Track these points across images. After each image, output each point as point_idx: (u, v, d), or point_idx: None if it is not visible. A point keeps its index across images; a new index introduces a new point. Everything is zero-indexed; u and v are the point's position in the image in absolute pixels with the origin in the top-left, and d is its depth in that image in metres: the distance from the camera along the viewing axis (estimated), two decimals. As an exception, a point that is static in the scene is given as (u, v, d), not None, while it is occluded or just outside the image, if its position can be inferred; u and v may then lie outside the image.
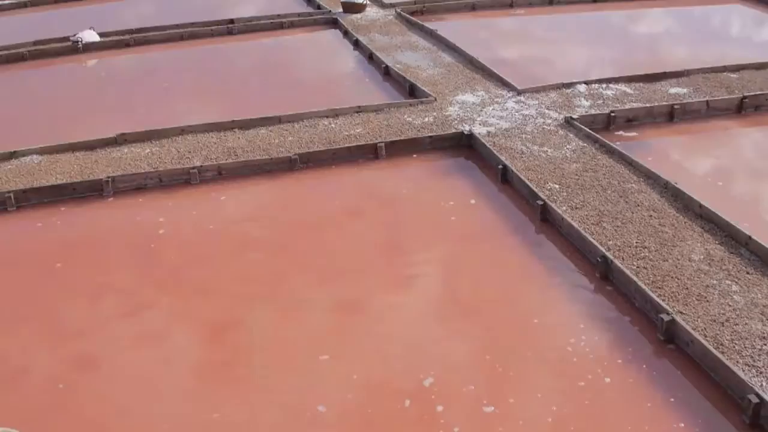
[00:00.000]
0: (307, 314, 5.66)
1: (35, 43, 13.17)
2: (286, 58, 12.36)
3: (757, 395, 4.50)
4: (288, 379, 4.98)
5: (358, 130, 8.71)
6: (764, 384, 4.66)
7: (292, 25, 13.99)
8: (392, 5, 14.68)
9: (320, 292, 5.94)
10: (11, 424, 4.37)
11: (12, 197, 7.46)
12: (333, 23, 14.06)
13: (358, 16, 14.16)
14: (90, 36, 13.05)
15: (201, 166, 7.87)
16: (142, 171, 7.83)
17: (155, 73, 11.81)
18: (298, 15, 14.51)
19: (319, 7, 15.05)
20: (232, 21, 13.94)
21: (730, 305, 5.41)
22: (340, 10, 14.46)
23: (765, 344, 5.01)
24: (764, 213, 6.98)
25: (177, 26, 13.63)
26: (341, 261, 6.38)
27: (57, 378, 5.08)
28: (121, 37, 13.24)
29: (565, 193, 7.04)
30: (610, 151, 7.87)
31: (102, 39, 13.16)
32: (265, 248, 6.70)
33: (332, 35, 13.58)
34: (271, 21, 13.99)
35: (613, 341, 5.22)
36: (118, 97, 10.66)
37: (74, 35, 12.99)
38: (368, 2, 14.73)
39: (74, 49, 12.84)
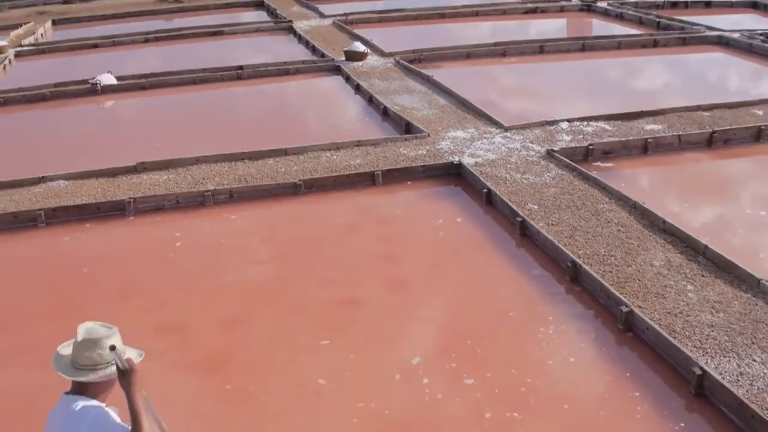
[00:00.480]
0: (309, 310, 6.42)
1: (56, 85, 14.22)
2: (291, 100, 13.36)
3: (701, 368, 5.24)
4: (292, 359, 5.72)
5: (357, 161, 9.59)
6: (709, 361, 5.40)
7: (297, 72, 15.03)
8: (392, 54, 15.73)
9: (321, 293, 6.72)
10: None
11: (42, 214, 8.30)
12: (336, 70, 15.09)
13: (360, 63, 15.21)
14: (108, 79, 14.09)
15: (214, 189, 8.73)
16: (161, 194, 8.66)
17: (169, 112, 12.79)
18: (303, 62, 15.58)
19: (323, 55, 16.13)
20: (241, 67, 14.99)
21: (684, 301, 6.17)
22: (343, 58, 15.52)
23: (712, 331, 5.76)
24: (723, 229, 7.76)
25: (189, 71, 14.69)
26: (340, 268, 7.17)
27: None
28: (137, 81, 14.27)
29: (542, 212, 7.86)
30: (586, 178, 8.72)
31: (119, 82, 14.17)
32: (271, 258, 7.50)
33: (335, 81, 14.59)
34: (278, 68, 15.04)
35: (578, 330, 5.98)
36: (136, 133, 11.59)
37: (93, 78, 14.03)
38: (369, 51, 15.79)
39: (93, 90, 13.85)
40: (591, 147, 9.65)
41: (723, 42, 16.74)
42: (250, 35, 19.86)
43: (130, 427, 2.68)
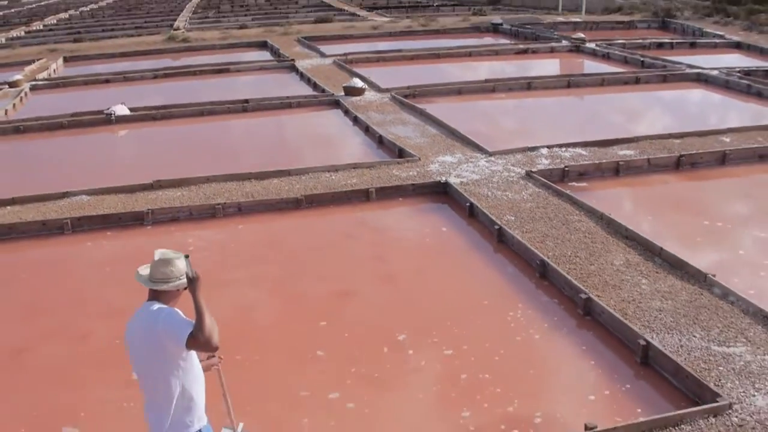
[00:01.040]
0: (309, 299, 7.40)
1: (72, 114, 15.36)
2: (293, 130, 14.47)
3: (645, 340, 6.20)
4: (294, 336, 6.68)
5: (353, 180, 10.65)
6: (654, 336, 6.35)
7: (299, 105, 16.19)
8: (388, 90, 16.90)
9: (319, 286, 7.71)
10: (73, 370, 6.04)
11: (69, 223, 9.33)
12: (335, 104, 16.25)
13: (358, 98, 16.37)
14: (122, 110, 15.24)
15: (224, 203, 9.77)
16: (176, 206, 9.70)
17: (180, 140, 13.89)
18: (305, 97, 16.78)
19: (323, 91, 17.31)
20: (246, 101, 16.16)
21: (637, 291, 7.15)
22: (342, 93, 16.69)
23: (660, 314, 6.72)
24: (681, 236, 8.74)
25: (198, 104, 15.85)
26: (336, 267, 8.17)
27: (115, 342, 6.78)
28: (149, 112, 15.42)
29: (518, 222, 8.88)
30: (560, 195, 9.76)
31: (132, 113, 15.31)
32: (275, 260, 8.48)
33: (334, 114, 15.73)
34: (281, 101, 16.21)
35: (543, 315, 6.96)
36: (149, 157, 12.68)
37: (108, 109, 15.18)
38: (367, 87, 16.98)
39: (108, 120, 14.98)
40: (566, 169, 10.71)
41: (702, 79, 17.97)
42: (255, 73, 21.12)
43: (194, 321, 3.67)
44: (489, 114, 15.33)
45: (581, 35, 23.98)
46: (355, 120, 14.66)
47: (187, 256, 3.73)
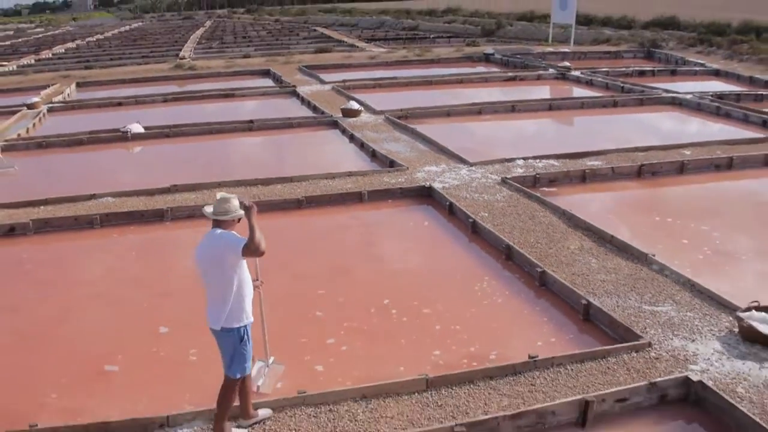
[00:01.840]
0: (309, 275, 8.81)
1: (90, 132, 16.88)
2: (295, 146, 15.96)
3: (587, 300, 7.60)
4: (296, 303, 8.08)
5: (349, 186, 12.10)
6: (595, 299, 7.74)
7: (300, 125, 17.72)
8: (382, 112, 18.45)
9: (318, 265, 9.13)
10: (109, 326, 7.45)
11: (98, 218, 10.76)
12: (334, 124, 17.78)
13: (354, 119, 17.90)
14: (137, 128, 16.77)
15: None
16: (192, 205, 11.15)
17: (191, 154, 15.39)
18: (305, 118, 18.32)
19: (322, 112, 18.87)
20: (251, 121, 17.69)
21: (587, 267, 8.57)
22: (340, 115, 18.23)
23: (603, 283, 8.12)
24: (634, 228, 10.15)
25: (207, 123, 17.39)
26: (333, 251, 9.60)
27: (144, 305, 8.21)
28: (162, 130, 16.95)
29: (491, 218, 10.32)
30: (530, 196, 11.21)
31: (146, 131, 16.83)
32: (278, 246, 9.86)
33: (333, 133, 17.25)
34: (284, 121, 17.74)
35: (506, 285, 8.37)
36: (164, 168, 14.13)
37: (124, 127, 16.70)
38: (363, 109, 18.53)
39: (124, 137, 16.50)
40: (538, 176, 12.19)
41: (676, 102, 19.58)
42: (258, 98, 22.73)
43: (247, 237, 5.10)
44: (474, 133, 16.84)
45: (567, 63, 25.68)
46: (352, 138, 16.17)
47: (244, 204, 5.22)
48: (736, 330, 6.97)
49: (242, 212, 5.30)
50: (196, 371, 6.72)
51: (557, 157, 13.42)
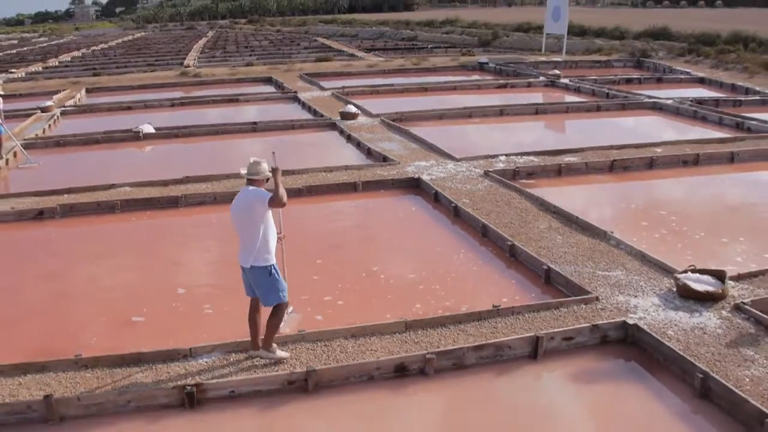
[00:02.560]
0: (308, 249, 10.06)
1: (105, 132, 18.22)
2: (296, 145, 17.27)
3: (547, 266, 8.89)
4: (296, 270, 9.34)
5: (345, 177, 13.41)
6: (556, 266, 9.02)
7: (301, 127, 19.06)
8: (378, 115, 19.78)
9: (316, 242, 10.41)
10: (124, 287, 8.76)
11: (118, 203, 12.08)
12: (332, 126, 19.11)
13: (352, 121, 19.24)
14: (148, 128, 18.12)
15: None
16: (204, 192, 12.46)
17: (200, 152, 16.72)
18: (306, 120, 19.66)
19: (322, 116, 20.21)
20: (255, 123, 19.04)
21: (552, 243, 9.85)
22: (339, 117, 19.58)
23: (565, 255, 9.39)
24: (600, 213, 11.44)
25: (213, 125, 18.74)
26: (329, 230, 10.89)
27: (162, 272, 9.50)
28: (171, 130, 18.29)
29: (471, 203, 11.62)
30: (508, 186, 12.51)
31: (157, 131, 18.18)
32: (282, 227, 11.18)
33: (331, 134, 18.57)
34: (285, 123, 19.09)
35: (480, 258, 9.66)
36: (175, 164, 15.43)
37: (136, 127, 18.05)
38: (360, 113, 19.87)
39: (136, 136, 17.84)
40: (517, 169, 13.50)
41: (657, 107, 20.94)
42: (261, 103, 24.10)
43: (273, 192, 6.41)
44: (463, 134, 18.17)
45: (556, 72, 27.07)
46: (349, 138, 17.50)
47: (273, 153, 6.54)
48: (674, 289, 8.24)
49: (270, 173, 6.60)
50: (211, 321, 8.00)
51: (537, 154, 14.73)
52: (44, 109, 22.53)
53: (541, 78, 27.03)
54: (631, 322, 7.45)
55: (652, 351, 7.11)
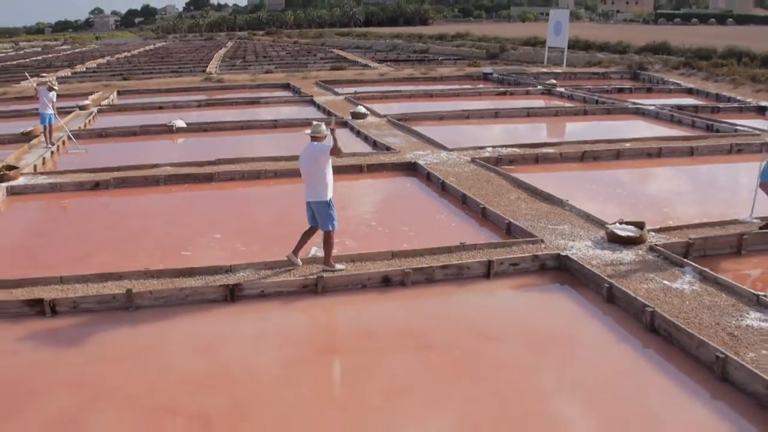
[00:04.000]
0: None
1: (142, 126, 20.95)
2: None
3: (509, 220, 11.42)
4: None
5: (352, 162, 16.02)
6: (516, 222, 11.53)
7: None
8: (385, 115, 22.40)
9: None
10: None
11: (162, 178, 14.73)
12: (344, 124, 21.67)
13: (362, 120, 21.85)
14: (180, 123, 20.83)
15: (266, 170, 15.14)
16: (234, 170, 15.10)
17: (227, 145, 19.38)
18: (321, 119, 22.27)
19: (335, 115, 22.84)
20: (275, 120, 21.71)
21: (517, 207, 12.32)
22: (350, 117, 22.20)
23: (525, 215, 11.86)
24: (564, 190, 13.90)
25: (238, 121, 21.45)
26: (339, 200, 13.48)
27: (201, 223, 12.11)
28: (201, 125, 21.00)
29: (457, 181, 14.14)
30: (490, 170, 15.04)
31: (188, 126, 20.90)
32: (297, 202, 13.79)
33: (342, 130, 21.14)
34: (302, 121, 21.72)
35: (459, 219, 12.18)
36: (206, 151, 18.10)
37: (170, 122, 20.77)
38: (369, 113, 22.50)
39: (170, 130, 20.56)
40: (500, 157, 16.06)
41: (639, 112, 23.44)
42: (280, 105, 26.82)
43: (332, 145, 8.98)
44: (460, 131, 20.72)
45: (553, 81, 29.62)
46: (358, 133, 20.11)
47: (331, 122, 9.16)
48: (605, 236, 10.73)
49: (327, 132, 9.14)
50: (245, 254, 10.54)
51: (520, 146, 17.27)
52: (82, 107, 25.29)
53: (539, 87, 29.56)
54: (563, 254, 9.95)
55: (577, 274, 9.60)
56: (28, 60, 57.52)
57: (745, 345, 7.43)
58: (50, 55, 64.73)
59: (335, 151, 9.07)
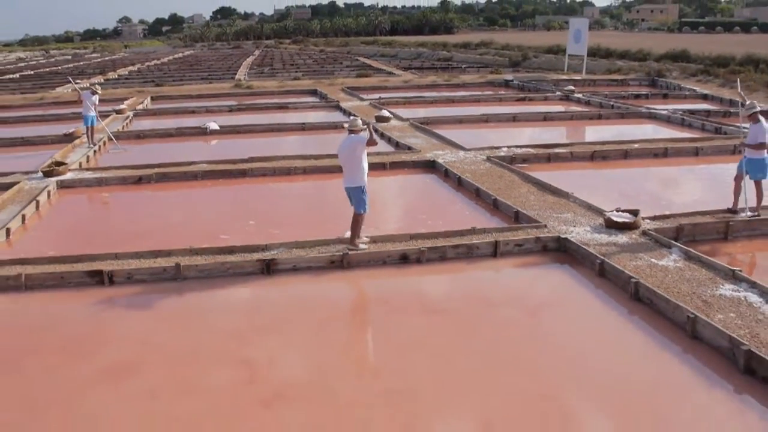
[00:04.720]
0: (342, 204, 14.00)
1: (177, 128, 22.45)
2: (337, 140, 21.18)
3: (517, 209, 12.65)
4: (320, 214, 13.25)
5: (376, 160, 17.30)
6: (524, 210, 12.74)
7: (342, 127, 23.02)
8: (407, 119, 23.71)
9: (344, 204, 14.33)
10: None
11: (200, 174, 16.15)
12: (367, 127, 23.03)
13: (385, 124, 23.17)
14: (213, 126, 22.31)
15: (295, 167, 16.50)
16: (266, 167, 16.48)
17: (258, 146, 20.78)
18: (344, 122, 23.66)
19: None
20: (304, 123, 23.11)
21: (526, 199, 13.51)
22: (374, 121, 23.53)
23: (533, 205, 13.06)
24: (572, 184, 15.10)
25: (268, 124, 22.90)
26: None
27: (236, 212, 13.48)
28: (233, 128, 22.45)
29: (472, 177, 15.38)
30: (503, 167, 16.28)
31: (221, 128, 22.36)
32: (319, 194, 15.12)
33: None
34: (329, 123, 23.13)
35: (472, 209, 13.42)
36: (238, 151, 19.51)
37: (204, 124, 22.25)
38: (392, 117, 23.83)
39: (204, 132, 22.03)
40: (514, 156, 17.29)
41: (652, 116, 24.52)
42: (308, 110, 28.24)
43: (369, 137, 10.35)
44: (478, 134, 21.95)
45: (571, 87, 30.76)
46: (382, 135, 21.40)
47: (368, 122, 10.60)
48: (603, 222, 11.92)
49: (364, 126, 10.47)
50: (278, 237, 11.85)
51: (534, 146, 18.48)
52: (119, 111, 26.89)
53: (558, 93, 30.71)
54: (563, 236, 11.17)
55: (575, 254, 10.80)
56: (60, 68, 59.66)
57: (716, 309, 8.58)
58: (81, 63, 66.94)
59: (371, 141, 10.37)
